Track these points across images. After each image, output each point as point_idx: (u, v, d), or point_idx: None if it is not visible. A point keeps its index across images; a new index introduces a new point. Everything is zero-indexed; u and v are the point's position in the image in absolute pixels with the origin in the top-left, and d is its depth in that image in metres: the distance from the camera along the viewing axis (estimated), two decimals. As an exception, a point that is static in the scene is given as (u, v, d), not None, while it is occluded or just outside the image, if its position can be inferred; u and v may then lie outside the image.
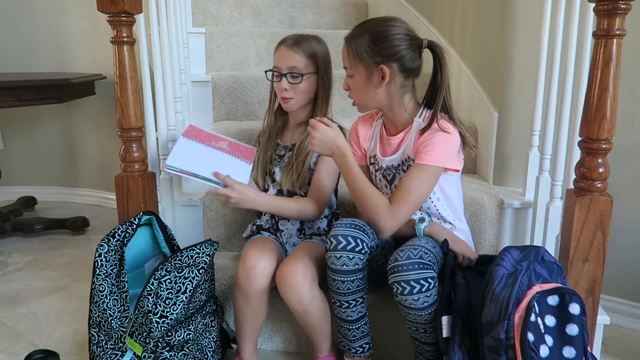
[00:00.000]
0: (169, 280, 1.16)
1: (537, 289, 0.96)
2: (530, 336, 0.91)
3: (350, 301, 1.16)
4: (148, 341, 1.15)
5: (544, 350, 0.92)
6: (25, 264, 2.02)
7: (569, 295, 0.96)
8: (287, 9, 2.44)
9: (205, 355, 1.26)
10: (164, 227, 1.34)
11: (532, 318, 0.92)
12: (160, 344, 1.16)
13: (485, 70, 1.79)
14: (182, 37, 1.79)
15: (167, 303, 1.15)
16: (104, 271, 1.20)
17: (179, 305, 1.16)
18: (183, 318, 1.22)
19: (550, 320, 0.96)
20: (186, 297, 1.17)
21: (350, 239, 1.11)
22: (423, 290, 1.01)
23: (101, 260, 1.20)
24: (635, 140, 1.50)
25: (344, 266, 1.11)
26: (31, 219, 2.35)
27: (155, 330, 1.14)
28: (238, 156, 1.33)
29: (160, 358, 1.15)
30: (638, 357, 1.43)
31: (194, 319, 1.24)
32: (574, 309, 0.96)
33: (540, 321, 0.95)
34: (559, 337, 0.95)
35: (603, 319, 1.24)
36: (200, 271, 1.20)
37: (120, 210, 1.38)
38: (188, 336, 1.21)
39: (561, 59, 1.35)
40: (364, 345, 1.23)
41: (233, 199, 1.26)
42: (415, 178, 1.15)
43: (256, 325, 1.30)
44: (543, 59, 1.45)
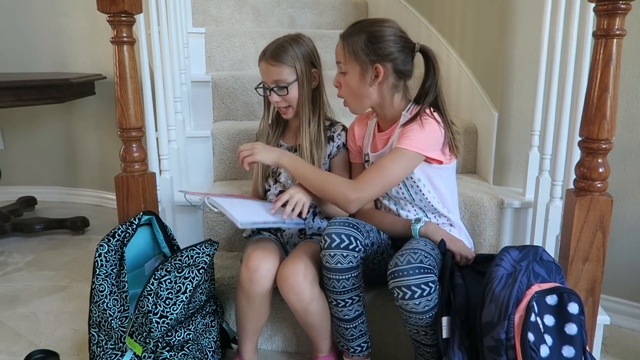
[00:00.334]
0: (169, 280, 1.16)
1: (536, 288, 0.96)
2: (530, 336, 0.91)
3: (346, 299, 1.16)
4: (148, 341, 1.15)
5: (544, 350, 0.92)
6: (25, 264, 2.02)
7: (567, 295, 0.96)
8: (287, 9, 2.44)
9: (205, 355, 1.26)
10: (164, 227, 1.34)
11: (532, 318, 0.92)
12: (160, 344, 1.16)
13: (485, 70, 1.79)
14: (182, 37, 1.80)
15: (167, 303, 1.15)
16: (104, 271, 1.20)
17: (179, 305, 1.16)
18: (183, 318, 1.22)
19: (549, 320, 0.96)
20: (186, 297, 1.17)
21: (344, 237, 1.11)
22: (424, 294, 1.01)
23: (101, 260, 1.20)
24: (635, 140, 1.50)
25: (338, 264, 1.11)
26: (31, 219, 2.35)
27: (155, 330, 1.14)
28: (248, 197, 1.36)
29: (160, 358, 1.15)
30: (638, 357, 1.43)
31: (194, 319, 1.24)
32: (573, 308, 0.95)
33: (539, 321, 0.95)
34: (558, 337, 0.95)
35: (603, 319, 1.24)
36: (200, 271, 1.20)
37: (120, 210, 1.38)
38: (188, 336, 1.21)
39: (561, 59, 1.35)
40: (362, 345, 1.23)
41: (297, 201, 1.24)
42: (388, 159, 1.18)
43: (258, 326, 1.30)
44: (543, 59, 1.45)
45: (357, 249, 1.12)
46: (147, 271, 1.31)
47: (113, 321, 1.18)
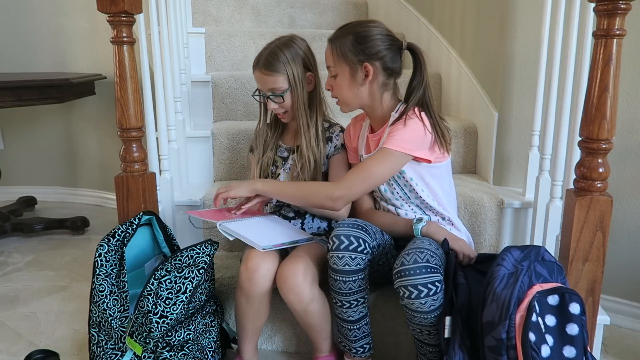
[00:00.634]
0: (169, 280, 1.16)
1: (538, 288, 0.96)
2: (531, 336, 0.91)
3: (351, 301, 1.16)
4: (148, 341, 1.15)
5: (545, 350, 0.92)
6: (25, 264, 2.02)
7: (569, 295, 0.97)
8: (287, 9, 2.44)
9: (205, 355, 1.26)
10: (164, 227, 1.34)
11: (533, 318, 0.92)
12: (160, 344, 1.16)
13: (485, 70, 1.79)
14: (182, 37, 1.80)
15: (167, 303, 1.15)
16: (104, 271, 1.20)
17: (179, 305, 1.16)
18: (183, 318, 1.22)
19: (551, 320, 0.96)
20: (186, 297, 1.17)
21: (352, 239, 1.11)
22: (430, 294, 1.01)
23: (101, 260, 1.20)
24: (635, 140, 1.50)
25: (346, 266, 1.11)
26: (31, 219, 2.35)
27: (155, 330, 1.14)
28: (260, 215, 1.36)
29: (160, 358, 1.15)
30: (638, 357, 1.43)
31: (194, 319, 1.24)
32: (574, 308, 0.96)
33: (540, 321, 0.95)
34: (559, 337, 0.95)
35: (603, 319, 1.24)
36: (201, 271, 1.20)
37: (120, 210, 1.38)
38: (188, 336, 1.21)
39: (561, 59, 1.35)
40: (364, 346, 1.23)
41: None
42: (373, 158, 1.21)
43: (257, 327, 1.30)
44: (543, 59, 1.45)
45: (365, 252, 1.12)
46: (147, 271, 1.31)
47: (113, 321, 1.18)
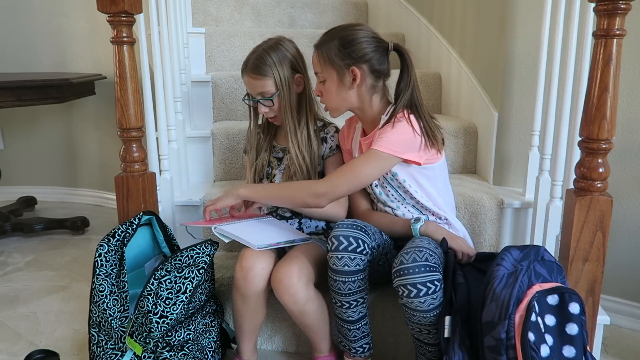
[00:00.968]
0: (169, 280, 1.16)
1: (537, 288, 0.96)
2: (531, 336, 0.91)
3: (351, 301, 1.16)
4: (148, 341, 1.15)
5: (544, 350, 0.92)
6: (25, 264, 2.02)
7: (568, 295, 0.96)
8: (287, 9, 2.44)
9: (205, 355, 1.26)
10: (164, 227, 1.34)
11: (533, 318, 0.92)
12: (160, 344, 1.16)
13: (485, 70, 1.79)
14: (182, 37, 1.80)
15: (167, 303, 1.15)
16: (104, 271, 1.20)
17: (179, 305, 1.16)
18: (183, 318, 1.22)
19: (550, 320, 0.96)
20: (186, 297, 1.17)
21: (352, 239, 1.11)
22: (429, 292, 1.01)
23: (101, 260, 1.20)
24: (635, 140, 1.50)
25: (346, 267, 1.11)
26: (31, 219, 2.35)
27: (155, 330, 1.14)
28: (255, 217, 1.35)
29: (160, 358, 1.15)
30: (638, 357, 1.43)
31: (194, 319, 1.24)
32: (574, 308, 0.96)
33: (540, 321, 0.95)
34: (559, 337, 0.95)
35: (603, 319, 1.24)
36: (201, 271, 1.20)
37: (120, 210, 1.38)
38: (188, 336, 1.21)
39: (561, 59, 1.35)
40: (364, 346, 1.23)
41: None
42: (360, 158, 1.22)
43: (255, 326, 1.30)
44: (543, 59, 1.45)
45: (365, 252, 1.12)
46: (147, 271, 1.31)
47: (113, 321, 1.18)
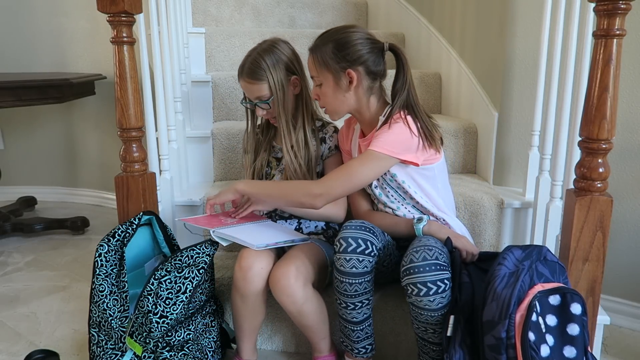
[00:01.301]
0: (169, 280, 1.16)
1: (539, 288, 0.96)
2: (531, 335, 0.91)
3: (356, 303, 1.16)
4: (148, 341, 1.15)
5: (544, 350, 0.92)
6: (25, 264, 2.02)
7: (570, 295, 0.97)
8: (287, 9, 2.44)
9: (205, 355, 1.26)
10: (164, 227, 1.34)
11: (534, 317, 0.92)
12: (160, 344, 1.16)
13: (485, 70, 1.79)
14: (182, 37, 1.80)
15: (167, 303, 1.15)
16: (104, 271, 1.20)
17: (179, 305, 1.16)
18: (183, 318, 1.22)
19: (552, 320, 0.96)
20: (186, 297, 1.17)
21: (360, 241, 1.10)
22: (439, 291, 1.01)
23: (101, 260, 1.20)
24: (635, 140, 1.50)
25: (354, 269, 1.11)
26: (31, 219, 2.35)
27: (155, 330, 1.14)
28: (256, 220, 1.36)
29: (160, 358, 1.15)
30: (638, 357, 1.43)
31: (194, 319, 1.24)
32: (575, 308, 0.96)
33: (541, 320, 0.95)
34: (560, 337, 0.95)
35: (603, 319, 1.24)
36: (201, 271, 1.20)
37: (120, 210, 1.38)
38: (188, 336, 1.21)
39: (561, 59, 1.35)
40: (367, 346, 1.23)
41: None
42: (357, 159, 1.21)
43: (254, 325, 1.29)
44: (543, 59, 1.45)
45: (373, 254, 1.12)
46: (147, 271, 1.31)
47: (113, 321, 1.18)
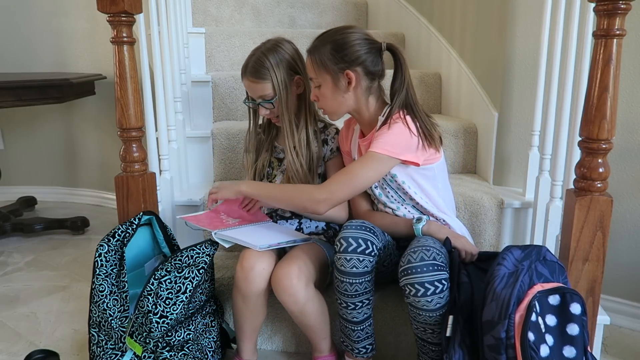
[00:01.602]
0: (169, 280, 1.16)
1: (539, 288, 0.96)
2: (530, 335, 0.91)
3: (356, 303, 1.16)
4: (148, 341, 1.15)
5: (544, 350, 0.92)
6: (25, 264, 2.02)
7: (570, 295, 0.97)
8: (287, 9, 2.44)
9: (205, 355, 1.26)
10: (164, 227, 1.34)
11: (533, 317, 0.92)
12: (160, 344, 1.16)
13: (485, 70, 1.79)
14: (182, 37, 1.80)
15: (167, 303, 1.15)
16: (104, 271, 1.20)
17: (179, 305, 1.16)
18: (183, 318, 1.22)
19: (551, 320, 0.96)
20: (186, 297, 1.17)
21: (360, 241, 1.11)
22: (437, 292, 1.01)
23: (101, 260, 1.20)
24: (635, 140, 1.50)
25: (354, 268, 1.11)
26: (31, 219, 2.35)
27: (155, 330, 1.14)
28: (258, 221, 1.36)
29: (160, 358, 1.15)
30: (638, 357, 1.43)
31: (194, 319, 1.24)
32: (575, 308, 0.96)
33: (541, 320, 0.95)
34: (560, 337, 0.95)
35: (603, 319, 1.24)
36: (201, 271, 1.20)
37: (120, 210, 1.38)
38: (188, 336, 1.21)
39: (561, 59, 1.35)
40: (367, 346, 1.23)
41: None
42: (358, 161, 1.21)
43: (255, 326, 1.30)
44: (543, 59, 1.45)
45: (373, 254, 1.12)
46: (147, 271, 1.31)
47: (113, 321, 1.18)
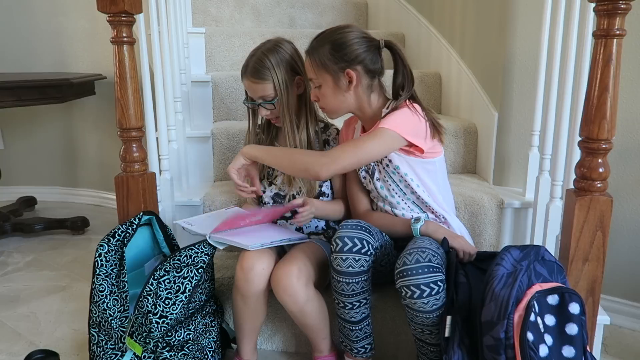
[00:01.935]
0: (167, 280, 1.16)
1: (537, 288, 0.96)
2: (529, 335, 0.91)
3: (354, 302, 1.16)
4: (148, 341, 1.15)
5: (543, 350, 0.92)
6: (25, 264, 2.02)
7: (568, 295, 0.96)
8: (287, 9, 2.44)
9: (205, 355, 1.26)
10: (164, 227, 1.34)
11: (532, 317, 0.92)
12: (160, 344, 1.16)
13: (485, 70, 1.79)
14: (182, 37, 1.80)
15: (167, 303, 1.15)
16: (104, 271, 1.20)
17: (178, 305, 1.16)
18: (183, 318, 1.22)
19: (550, 320, 0.96)
20: (185, 297, 1.17)
21: (356, 240, 1.11)
22: (433, 293, 1.01)
23: (101, 260, 1.20)
24: (635, 140, 1.50)
25: (350, 268, 1.11)
26: (31, 219, 2.35)
27: (155, 330, 1.14)
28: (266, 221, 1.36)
29: (160, 358, 1.15)
30: (638, 357, 1.43)
31: (194, 319, 1.24)
32: (574, 308, 0.96)
33: (540, 320, 0.95)
34: (559, 337, 0.95)
35: (603, 319, 1.24)
36: (199, 270, 1.20)
37: (120, 210, 1.38)
38: (188, 336, 1.21)
39: (561, 59, 1.35)
40: (366, 346, 1.23)
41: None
42: (365, 135, 1.22)
43: (255, 326, 1.30)
44: (543, 59, 1.45)
45: (369, 253, 1.12)
46: (147, 271, 1.31)
47: (113, 321, 1.18)
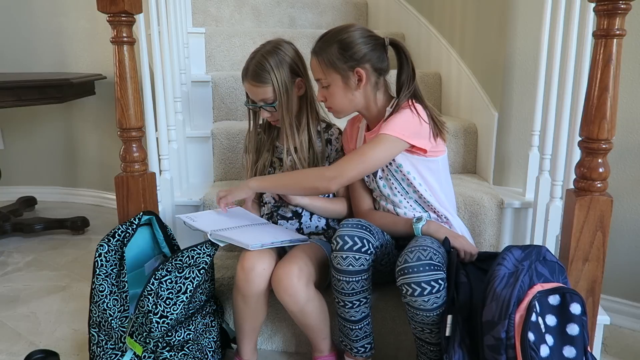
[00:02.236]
0: (169, 280, 1.16)
1: (539, 288, 0.96)
2: (530, 336, 0.91)
3: (354, 301, 1.16)
4: (148, 341, 1.15)
5: (544, 350, 0.92)
6: (25, 264, 2.02)
7: (570, 295, 0.97)
8: (287, 9, 2.44)
9: (205, 355, 1.26)
10: (164, 227, 1.34)
11: (533, 318, 0.92)
12: (160, 344, 1.16)
13: (485, 70, 1.79)
14: (182, 37, 1.80)
15: (168, 303, 1.15)
16: (104, 271, 1.20)
17: (179, 305, 1.16)
18: (183, 318, 1.22)
19: (551, 320, 0.96)
20: (186, 297, 1.17)
21: (356, 239, 1.11)
22: (433, 291, 1.01)
23: (101, 260, 1.20)
24: (635, 140, 1.50)
25: (350, 267, 1.11)
26: (31, 219, 2.35)
27: (156, 330, 1.14)
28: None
29: (161, 358, 1.15)
30: (638, 357, 1.43)
31: (194, 319, 1.24)
32: (575, 308, 0.96)
33: (541, 320, 0.95)
34: (560, 337, 0.95)
35: (603, 319, 1.24)
36: (201, 271, 1.20)
37: (120, 210, 1.38)
38: (188, 336, 1.21)
39: (561, 59, 1.35)
40: (365, 345, 1.23)
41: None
42: (368, 143, 1.22)
43: (255, 326, 1.30)
44: (543, 59, 1.45)
45: (369, 252, 1.12)
46: (147, 271, 1.31)
47: (113, 321, 1.18)
